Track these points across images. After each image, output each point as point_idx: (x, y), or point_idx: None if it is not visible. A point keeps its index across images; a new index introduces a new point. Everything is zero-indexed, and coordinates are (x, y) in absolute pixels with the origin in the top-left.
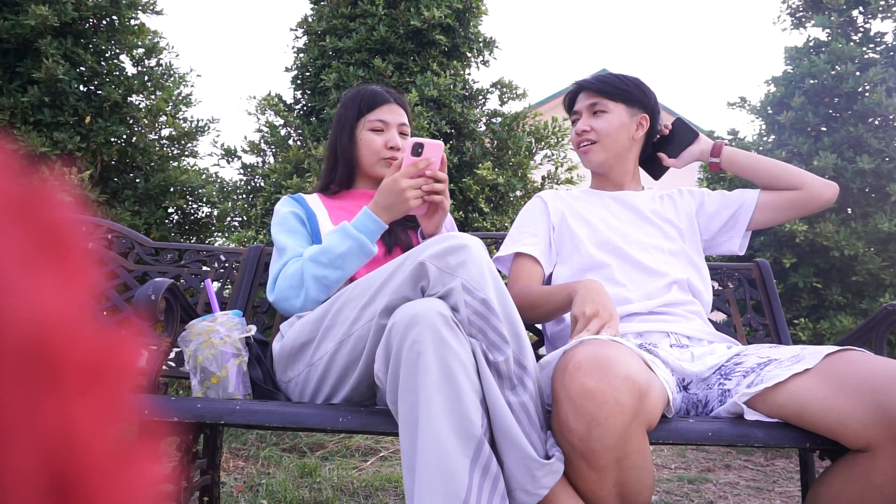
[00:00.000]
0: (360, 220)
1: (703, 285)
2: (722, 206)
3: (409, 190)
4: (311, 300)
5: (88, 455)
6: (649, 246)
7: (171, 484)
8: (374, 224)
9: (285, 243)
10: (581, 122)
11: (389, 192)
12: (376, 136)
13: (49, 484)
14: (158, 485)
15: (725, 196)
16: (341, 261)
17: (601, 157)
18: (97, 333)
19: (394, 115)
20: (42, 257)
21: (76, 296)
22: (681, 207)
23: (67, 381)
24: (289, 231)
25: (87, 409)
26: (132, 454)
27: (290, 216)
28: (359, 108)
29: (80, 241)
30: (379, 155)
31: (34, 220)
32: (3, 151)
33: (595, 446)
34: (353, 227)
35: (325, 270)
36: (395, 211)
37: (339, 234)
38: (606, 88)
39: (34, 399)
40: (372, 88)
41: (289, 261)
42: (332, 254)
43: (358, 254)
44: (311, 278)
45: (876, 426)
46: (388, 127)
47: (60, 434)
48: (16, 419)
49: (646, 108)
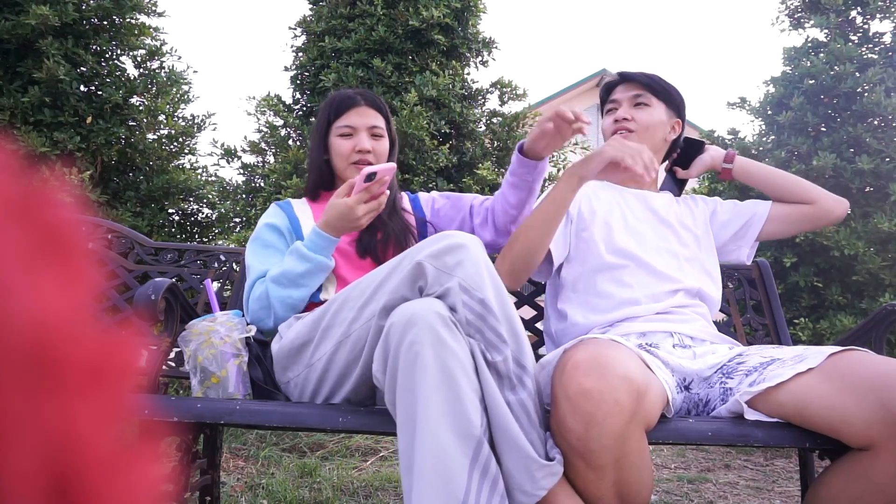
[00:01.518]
0: (311, 239)
1: (715, 293)
2: (734, 215)
3: (364, 216)
4: (280, 319)
5: (89, 455)
6: (664, 250)
7: (171, 484)
8: (325, 241)
9: (250, 263)
10: (622, 110)
11: (343, 217)
12: (344, 142)
13: (50, 484)
14: (158, 484)
15: (737, 206)
16: (301, 279)
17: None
18: (97, 334)
19: (363, 119)
20: (42, 258)
21: (76, 296)
22: (697, 213)
23: (68, 382)
24: (261, 246)
25: (87, 409)
26: (132, 454)
27: (264, 230)
28: (328, 116)
29: (81, 241)
30: (348, 160)
31: (34, 220)
32: (4, 151)
33: (593, 446)
34: (306, 249)
35: (287, 290)
36: (346, 230)
37: (295, 256)
38: (652, 84)
39: (35, 399)
40: (343, 93)
41: (255, 282)
42: (292, 274)
43: (315, 272)
44: (276, 300)
45: (878, 424)
46: (356, 131)
47: (61, 434)
48: (16, 419)
49: (680, 114)
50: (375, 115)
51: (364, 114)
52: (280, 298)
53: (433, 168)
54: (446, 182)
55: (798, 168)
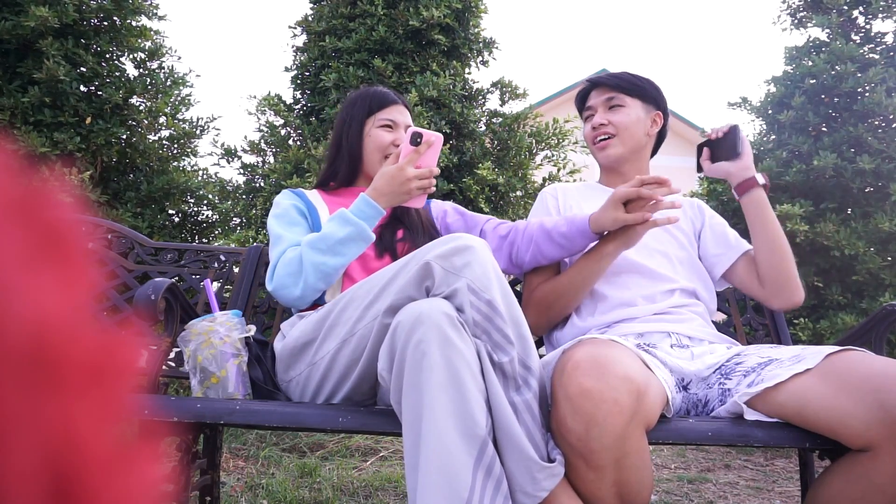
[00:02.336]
0: (358, 206)
1: (708, 294)
2: (715, 243)
3: (414, 180)
4: (310, 288)
5: (89, 455)
6: (657, 252)
7: (171, 484)
8: (372, 210)
9: (281, 233)
10: (597, 116)
11: (392, 180)
12: (386, 134)
13: (50, 484)
14: (158, 485)
15: (722, 234)
16: (340, 246)
17: (619, 150)
18: (97, 334)
19: (402, 116)
20: (42, 258)
21: (76, 296)
22: (689, 217)
23: (68, 382)
24: (288, 222)
25: (87, 409)
26: (132, 454)
27: (291, 208)
28: (369, 106)
29: (81, 241)
30: (385, 152)
31: (34, 220)
32: (4, 152)
33: (593, 446)
34: (351, 214)
35: (324, 257)
36: (395, 198)
37: (338, 220)
38: (622, 84)
39: (35, 399)
40: (379, 89)
41: (287, 249)
42: (331, 240)
43: (357, 239)
44: (310, 265)
45: (877, 426)
46: (397, 126)
47: (61, 434)
48: (16, 419)
49: (659, 106)
50: (409, 116)
51: (402, 112)
52: (315, 264)
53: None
54: (446, 182)
55: (799, 168)
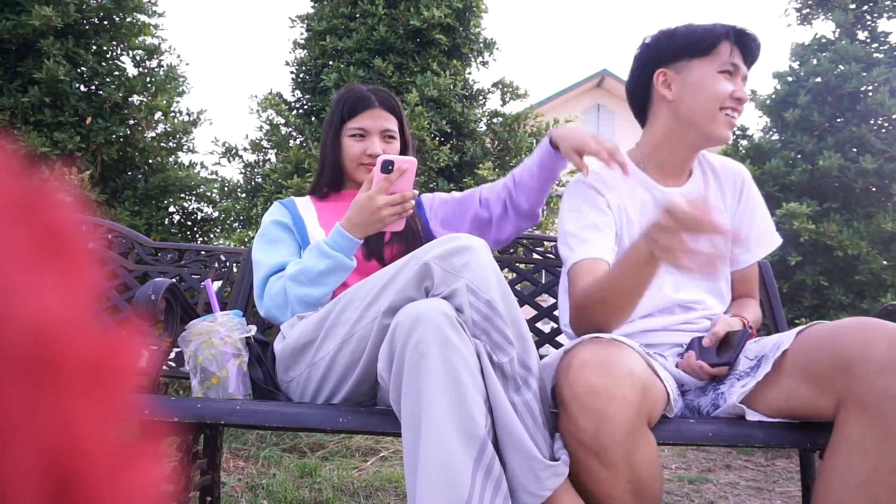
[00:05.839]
0: (333, 238)
1: (719, 307)
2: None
3: (385, 208)
4: (298, 314)
5: (89, 455)
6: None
7: (171, 484)
8: (347, 241)
9: (259, 258)
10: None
11: (362, 209)
12: (356, 144)
13: (50, 484)
14: (159, 485)
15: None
16: (321, 278)
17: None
18: (97, 334)
19: (376, 122)
20: (42, 257)
21: (77, 296)
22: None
23: (68, 382)
24: (268, 242)
25: (87, 409)
26: (133, 454)
27: (271, 227)
28: (341, 114)
29: (81, 241)
30: (358, 161)
31: (34, 220)
32: (4, 151)
33: (606, 442)
34: (327, 246)
35: (306, 289)
36: (369, 227)
37: (316, 252)
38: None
39: (35, 399)
40: (357, 91)
41: (270, 276)
42: (312, 272)
43: (336, 270)
44: (294, 298)
45: (842, 380)
46: (369, 134)
47: (61, 434)
48: (16, 420)
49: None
50: (388, 118)
51: (377, 116)
52: (298, 297)
53: (434, 168)
54: (447, 182)
55: (804, 167)
